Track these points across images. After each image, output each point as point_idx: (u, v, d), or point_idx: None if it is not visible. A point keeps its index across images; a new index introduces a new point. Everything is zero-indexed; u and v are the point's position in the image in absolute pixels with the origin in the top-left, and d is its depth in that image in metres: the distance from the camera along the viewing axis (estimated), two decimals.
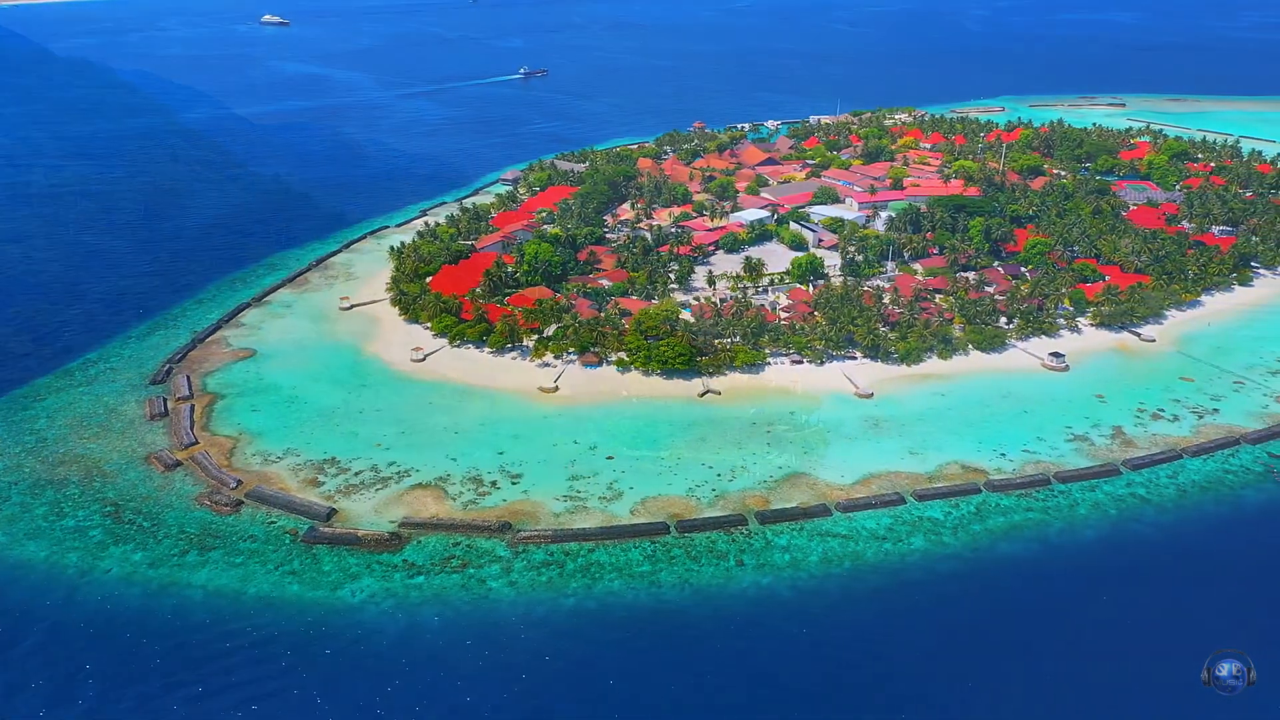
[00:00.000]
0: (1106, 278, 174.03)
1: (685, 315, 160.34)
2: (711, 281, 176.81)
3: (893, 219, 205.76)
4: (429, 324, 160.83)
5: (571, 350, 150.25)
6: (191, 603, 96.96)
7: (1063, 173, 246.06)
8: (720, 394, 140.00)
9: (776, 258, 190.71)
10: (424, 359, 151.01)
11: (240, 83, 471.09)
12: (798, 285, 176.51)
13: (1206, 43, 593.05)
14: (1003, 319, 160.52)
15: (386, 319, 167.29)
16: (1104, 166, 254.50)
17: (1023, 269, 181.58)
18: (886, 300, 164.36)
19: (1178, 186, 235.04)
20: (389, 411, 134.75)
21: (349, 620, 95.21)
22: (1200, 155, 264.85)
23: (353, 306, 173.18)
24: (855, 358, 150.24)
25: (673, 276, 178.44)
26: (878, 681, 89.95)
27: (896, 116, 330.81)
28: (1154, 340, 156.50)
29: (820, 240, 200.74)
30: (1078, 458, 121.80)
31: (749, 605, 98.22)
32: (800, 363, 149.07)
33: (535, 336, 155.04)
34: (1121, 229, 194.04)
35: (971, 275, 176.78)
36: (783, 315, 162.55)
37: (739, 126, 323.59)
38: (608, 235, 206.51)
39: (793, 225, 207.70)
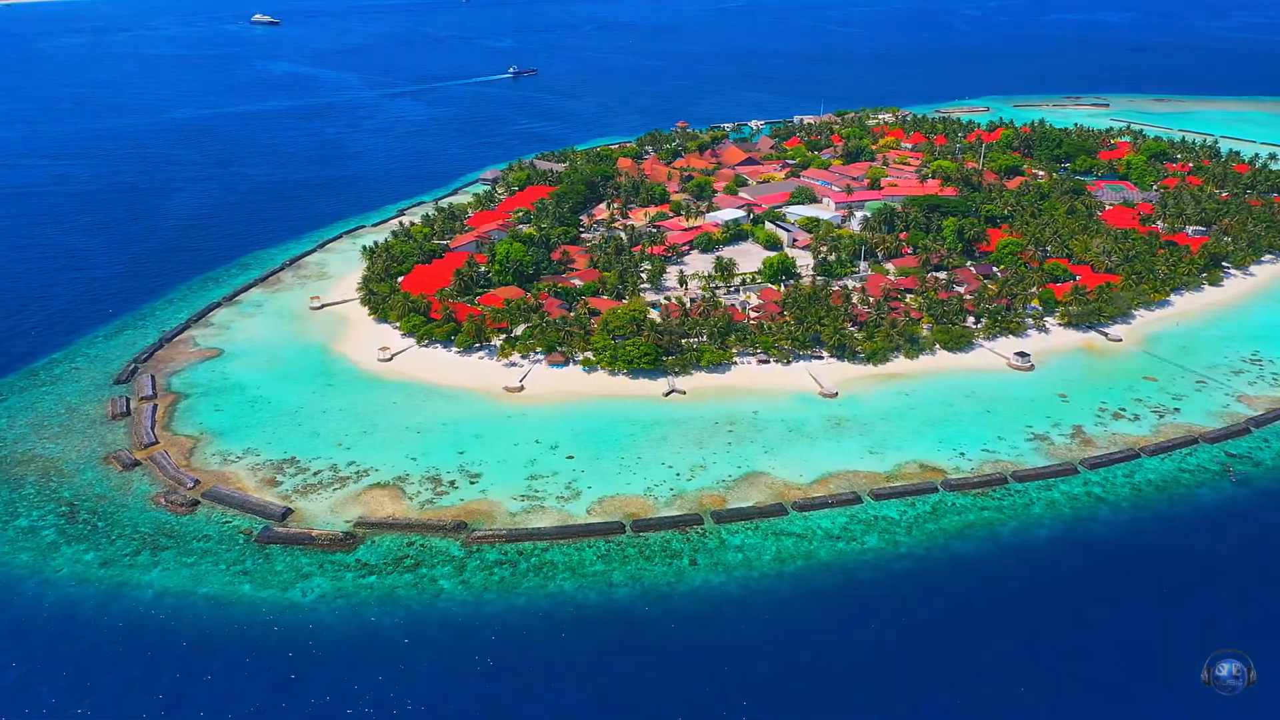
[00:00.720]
0: (1077, 278, 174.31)
1: (654, 315, 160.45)
2: (683, 281, 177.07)
3: (868, 219, 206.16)
4: (398, 323, 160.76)
5: (538, 350, 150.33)
6: (141, 602, 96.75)
7: (1040, 172, 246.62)
8: (685, 394, 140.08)
9: (751, 258, 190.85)
10: (391, 359, 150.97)
11: (227, 82, 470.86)
12: (769, 285, 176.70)
13: (1195, 43, 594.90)
14: (970, 319, 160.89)
15: (356, 319, 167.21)
16: (1082, 167, 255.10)
17: (995, 269, 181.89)
18: (855, 300, 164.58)
19: (1154, 187, 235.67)
20: (352, 411, 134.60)
21: (299, 620, 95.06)
22: (1179, 155, 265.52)
23: (323, 306, 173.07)
24: (822, 357, 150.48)
25: (645, 276, 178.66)
26: (826, 680, 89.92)
27: (880, 116, 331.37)
28: (1121, 340, 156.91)
29: (795, 240, 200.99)
30: (1036, 457, 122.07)
31: (700, 604, 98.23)
32: (767, 362, 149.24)
33: (503, 336, 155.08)
34: (1094, 229, 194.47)
35: (943, 275, 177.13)
36: (753, 315, 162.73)
37: (722, 126, 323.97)
38: (583, 235, 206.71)
39: (768, 225, 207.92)
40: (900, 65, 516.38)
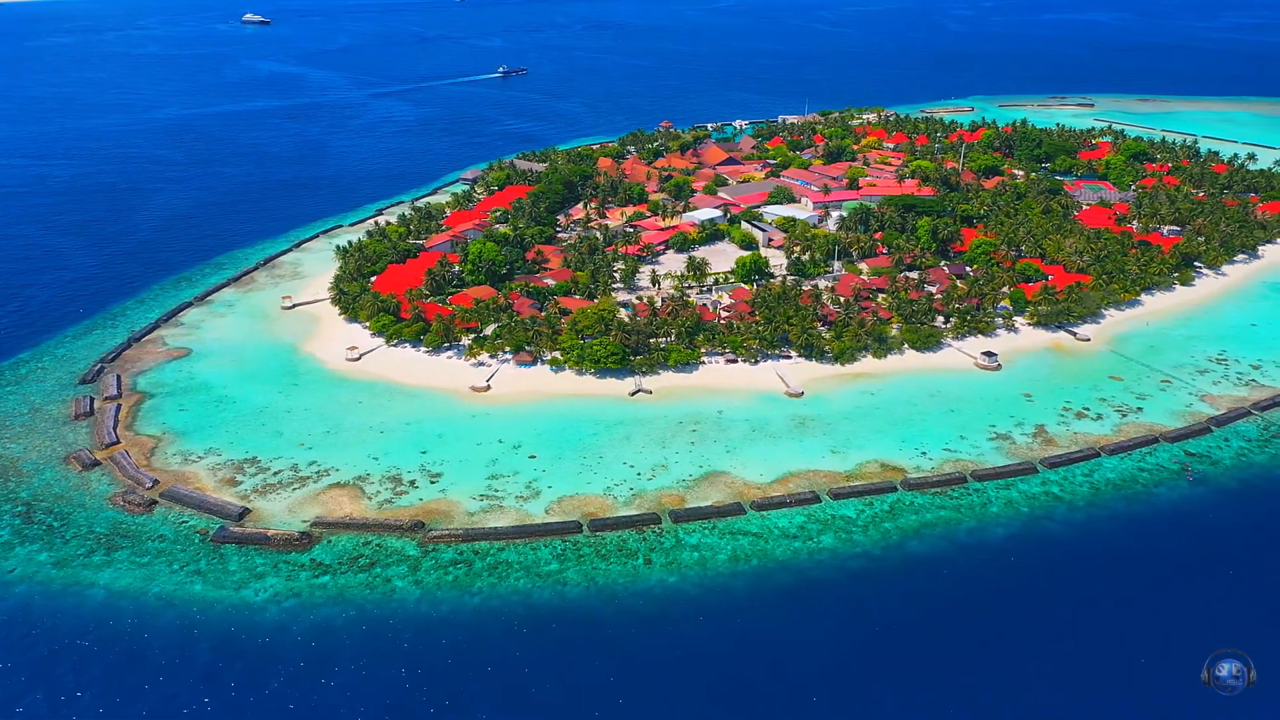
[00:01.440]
0: (1049, 277, 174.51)
1: (624, 315, 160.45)
2: (656, 281, 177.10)
3: (844, 218, 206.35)
4: (367, 323, 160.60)
5: (507, 349, 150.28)
6: (93, 602, 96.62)
7: (1018, 172, 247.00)
8: (651, 393, 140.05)
9: (726, 257, 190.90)
10: (359, 358, 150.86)
11: (214, 82, 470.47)
12: (742, 285, 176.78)
13: (1182, 43, 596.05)
14: (940, 318, 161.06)
15: (327, 318, 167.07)
16: (1062, 166, 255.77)
17: (968, 268, 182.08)
18: (825, 300, 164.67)
19: (1133, 187, 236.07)
20: (317, 411, 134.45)
21: (250, 619, 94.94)
22: (1159, 155, 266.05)
23: (295, 306, 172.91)
24: (790, 357, 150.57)
25: (618, 276, 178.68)
26: (777, 678, 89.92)
27: (864, 116, 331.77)
28: (1089, 340, 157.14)
29: (770, 240, 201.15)
30: (997, 456, 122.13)
31: (653, 603, 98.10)
32: (735, 362, 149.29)
33: (472, 336, 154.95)
34: (1068, 229, 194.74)
35: (915, 274, 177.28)
36: (723, 315, 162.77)
37: (705, 126, 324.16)
38: (560, 235, 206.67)
39: (744, 225, 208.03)
40: (889, 65, 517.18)
